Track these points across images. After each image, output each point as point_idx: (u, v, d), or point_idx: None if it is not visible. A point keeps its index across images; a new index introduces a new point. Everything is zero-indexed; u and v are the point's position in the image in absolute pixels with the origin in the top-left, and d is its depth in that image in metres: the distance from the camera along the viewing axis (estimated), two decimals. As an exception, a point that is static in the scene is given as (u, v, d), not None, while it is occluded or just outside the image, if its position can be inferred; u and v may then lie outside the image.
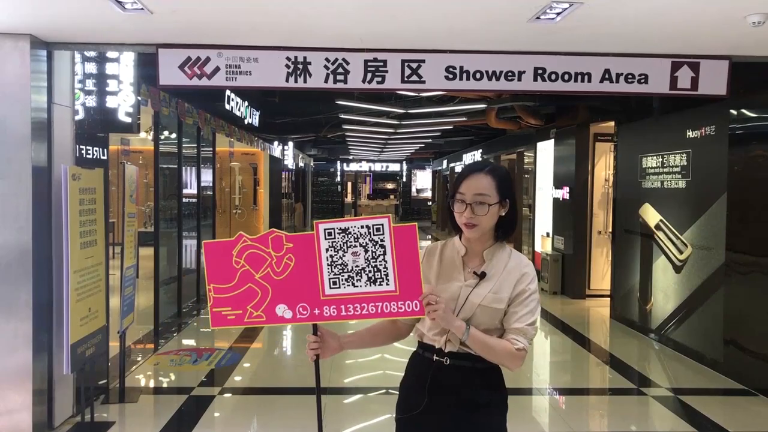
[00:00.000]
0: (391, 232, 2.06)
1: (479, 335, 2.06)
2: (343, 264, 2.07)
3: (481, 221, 2.10)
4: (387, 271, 2.06)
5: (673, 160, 6.75)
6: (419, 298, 2.04)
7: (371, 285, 2.07)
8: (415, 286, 2.05)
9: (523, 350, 2.09)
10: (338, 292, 2.08)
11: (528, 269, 2.17)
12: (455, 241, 2.23)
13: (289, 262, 2.09)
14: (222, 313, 2.11)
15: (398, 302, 2.06)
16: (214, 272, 2.11)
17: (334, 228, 2.08)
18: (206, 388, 5.32)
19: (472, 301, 2.09)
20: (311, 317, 2.10)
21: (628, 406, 5.32)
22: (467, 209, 2.09)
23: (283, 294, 2.10)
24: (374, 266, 2.07)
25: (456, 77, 4.22)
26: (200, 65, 4.18)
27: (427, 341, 2.18)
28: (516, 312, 2.10)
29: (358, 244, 2.06)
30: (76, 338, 4.09)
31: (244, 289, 2.10)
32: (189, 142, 8.32)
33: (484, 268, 2.13)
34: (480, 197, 2.09)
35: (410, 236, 2.07)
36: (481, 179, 2.11)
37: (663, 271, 6.98)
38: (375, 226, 2.07)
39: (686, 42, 4.11)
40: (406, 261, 2.06)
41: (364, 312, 2.08)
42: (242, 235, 2.11)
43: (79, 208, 4.15)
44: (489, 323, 2.10)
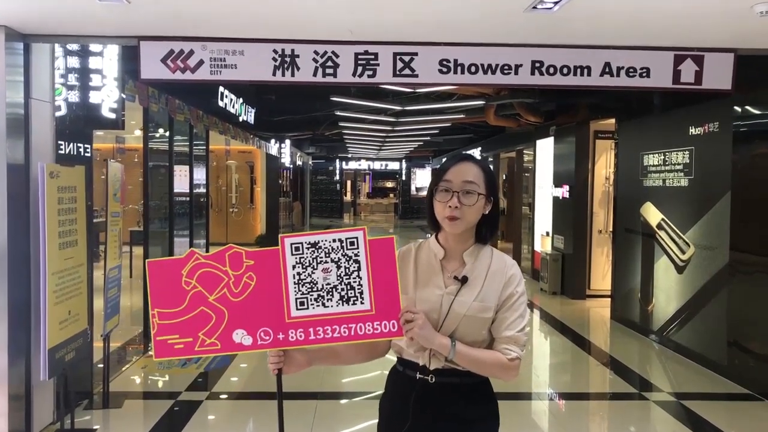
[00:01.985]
0: (367, 245, 1.89)
1: (467, 351, 1.89)
2: (312, 282, 1.90)
3: (467, 214, 1.92)
4: (362, 289, 1.89)
5: (676, 158, 6.58)
6: (398, 316, 1.87)
7: (344, 304, 1.90)
8: (392, 305, 1.88)
9: (516, 360, 1.92)
10: (306, 314, 1.90)
11: (514, 270, 2.00)
12: (431, 242, 2.04)
13: (249, 282, 1.91)
14: (168, 341, 1.91)
15: (374, 322, 1.89)
16: (160, 295, 1.91)
17: (302, 242, 1.90)
18: (194, 393, 5.16)
19: (456, 311, 1.91)
20: (274, 343, 1.92)
21: (629, 411, 5.16)
22: (453, 198, 1.91)
23: (242, 318, 1.91)
24: (347, 284, 1.90)
25: (450, 71, 4.06)
26: (183, 58, 4.01)
27: (408, 357, 2.00)
28: (505, 318, 1.93)
29: (330, 260, 1.89)
30: (54, 342, 3.93)
31: (196, 314, 1.91)
32: (181, 139, 8.16)
33: (466, 272, 1.96)
34: (469, 185, 1.91)
35: (387, 250, 1.90)
36: (471, 168, 1.95)
37: (665, 271, 6.81)
38: (348, 240, 1.91)
39: (690, 34, 3.94)
40: (382, 277, 1.89)
41: (336, 335, 1.90)
42: (194, 252, 1.92)
43: (58, 207, 3.99)
44: (475, 334, 1.93)
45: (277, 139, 15.38)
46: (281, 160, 16.38)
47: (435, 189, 1.96)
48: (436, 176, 2.00)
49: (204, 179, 9.50)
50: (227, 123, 9.96)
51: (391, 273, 1.91)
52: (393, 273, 1.91)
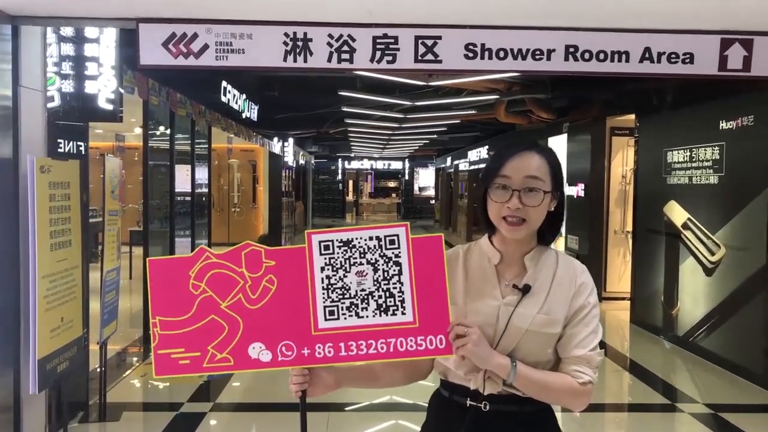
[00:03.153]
0: (410, 245, 1.59)
1: (530, 373, 1.58)
2: (344, 287, 1.60)
3: (531, 216, 1.60)
4: (403, 297, 1.59)
5: (704, 154, 6.25)
6: (446, 331, 1.56)
7: (381, 315, 1.59)
8: (440, 316, 1.58)
9: (589, 384, 1.60)
10: (336, 325, 1.59)
11: (585, 277, 1.68)
12: (483, 244, 1.72)
13: (269, 286, 1.60)
14: (171, 356, 1.59)
15: (417, 337, 1.58)
16: (162, 300, 1.60)
17: (332, 240, 1.60)
18: (197, 404, 4.82)
19: (517, 326, 1.60)
20: (298, 359, 1.61)
21: (665, 424, 4.82)
22: (513, 198, 1.59)
23: (260, 329, 1.60)
24: (386, 290, 1.59)
25: (477, 56, 3.72)
26: (186, 42, 3.68)
27: (456, 380, 1.68)
28: (575, 335, 1.62)
29: (365, 261, 1.59)
30: (45, 352, 3.60)
31: (205, 323, 1.59)
32: (182, 135, 7.82)
33: (528, 280, 1.64)
34: (532, 181, 1.59)
35: (434, 251, 1.59)
36: (533, 159, 1.62)
37: (691, 274, 6.47)
38: (388, 238, 1.60)
39: (738, 16, 3.61)
40: (428, 283, 1.58)
41: (371, 351, 1.59)
42: (204, 250, 1.61)
43: (50, 205, 3.65)
44: (539, 353, 1.62)
45: (280, 138, 15.06)
46: (284, 158, 16.06)
47: (489, 185, 1.64)
48: (488, 169, 1.66)
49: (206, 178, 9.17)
50: (230, 119, 9.62)
51: (438, 278, 1.59)
52: (441, 278, 1.59)
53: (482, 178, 1.68)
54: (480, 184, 1.69)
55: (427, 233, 1.66)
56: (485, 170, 1.68)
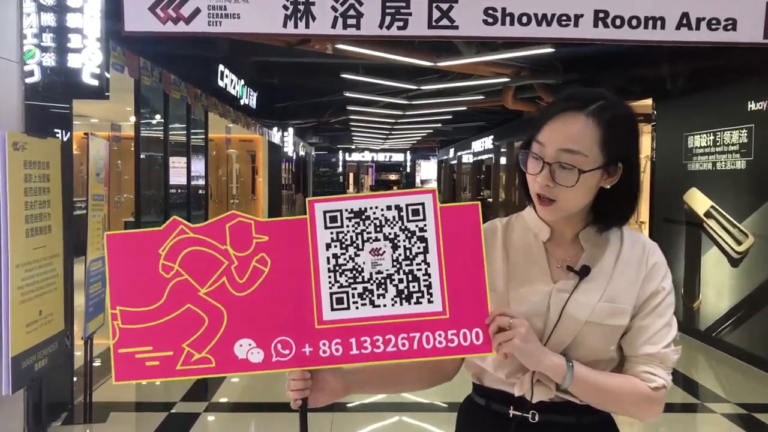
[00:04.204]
0: (438, 216, 1.26)
1: (591, 376, 1.26)
2: (356, 269, 1.27)
3: (563, 197, 1.26)
4: (429, 281, 1.27)
5: (729, 138, 5.89)
6: (485, 323, 1.23)
7: (403, 304, 1.27)
8: (476, 305, 1.25)
9: (663, 389, 1.28)
10: (346, 317, 1.27)
11: (657, 256, 1.35)
12: (527, 216, 1.39)
13: (260, 268, 1.27)
14: (136, 356, 1.26)
15: (448, 331, 1.26)
16: (125, 286, 1.27)
17: (341, 210, 1.26)
18: (190, 404, 4.49)
19: (574, 317, 1.27)
20: (297, 360, 1.28)
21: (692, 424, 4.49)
22: (543, 171, 1.25)
23: (249, 322, 1.27)
24: (408, 272, 1.27)
25: (497, 21, 3.36)
26: (176, 6, 3.32)
27: (495, 385, 1.35)
28: (646, 328, 1.29)
29: (382, 236, 1.26)
30: (20, 349, 3.25)
31: (179, 314, 1.26)
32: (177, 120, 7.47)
33: (586, 260, 1.31)
34: (568, 156, 1.23)
35: (470, 223, 1.26)
36: (577, 123, 1.24)
37: (715, 265, 6.12)
38: (411, 207, 1.26)
39: (787, -23, 3.26)
40: (462, 263, 1.26)
41: (390, 349, 1.27)
42: (178, 222, 1.28)
43: (25, 186, 3.31)
44: (600, 350, 1.30)
45: (279, 127, 14.72)
46: (284, 149, 15.71)
47: (525, 149, 1.30)
48: (528, 128, 1.33)
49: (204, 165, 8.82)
50: (227, 106, 9.27)
51: (474, 258, 1.27)
52: (477, 258, 1.27)
53: (523, 141, 1.34)
54: (520, 149, 1.35)
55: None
56: (526, 131, 1.34)
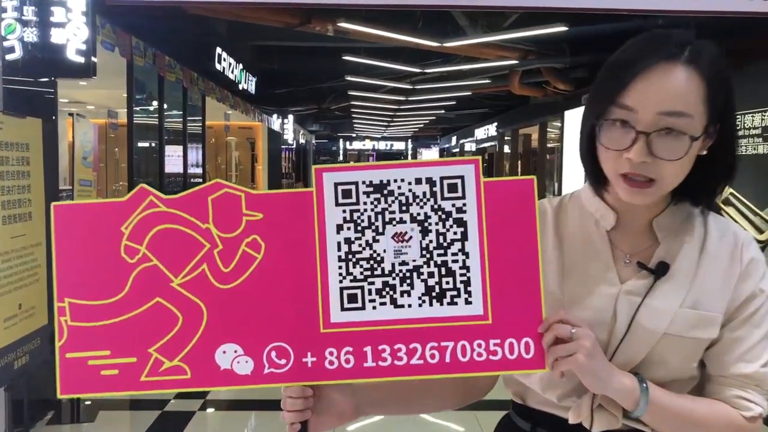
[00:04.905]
0: (481, 193, 0.98)
1: (670, 402, 0.99)
2: (374, 259, 1.00)
3: (666, 174, 0.97)
4: (468, 275, 1.00)
5: (750, 121, 5.61)
6: (537, 332, 0.97)
7: (433, 304, 1.00)
8: (527, 309, 0.99)
9: (758, 419, 1.00)
10: (360, 318, 1.00)
11: (753, 250, 1.07)
12: (586, 198, 1.11)
13: (251, 254, 1.01)
14: (88, 362, 1.00)
15: (489, 341, 0.99)
16: (75, 272, 1.01)
17: (356, 182, 0.99)
18: (184, 401, 4.25)
19: (648, 327, 1.01)
20: (296, 373, 1.02)
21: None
22: (637, 144, 0.95)
23: (236, 322, 1.01)
24: (441, 264, 1.00)
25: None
26: (164, -28, 3.05)
27: (542, 407, 1.09)
28: (739, 341, 1.02)
29: (409, 218, 1.00)
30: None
31: (146, 310, 1.00)
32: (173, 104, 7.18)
33: (662, 255, 1.04)
34: (673, 120, 0.94)
35: (522, 202, 1.00)
36: (677, 75, 0.95)
37: (734, 254, 5.87)
38: (447, 181, 0.99)
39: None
40: (510, 254, 1.00)
41: (416, 361, 1.00)
42: (146, 192, 1.01)
43: (1, 169, 3.04)
44: (681, 368, 1.03)
45: (279, 114, 14.42)
46: (284, 136, 15.43)
47: (600, 118, 0.99)
48: (600, 91, 1.01)
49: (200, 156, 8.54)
50: (226, 90, 8.98)
51: (526, 248, 1.00)
52: (531, 248, 1.00)
53: (589, 106, 1.03)
54: (587, 115, 1.04)
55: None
56: (594, 92, 1.03)
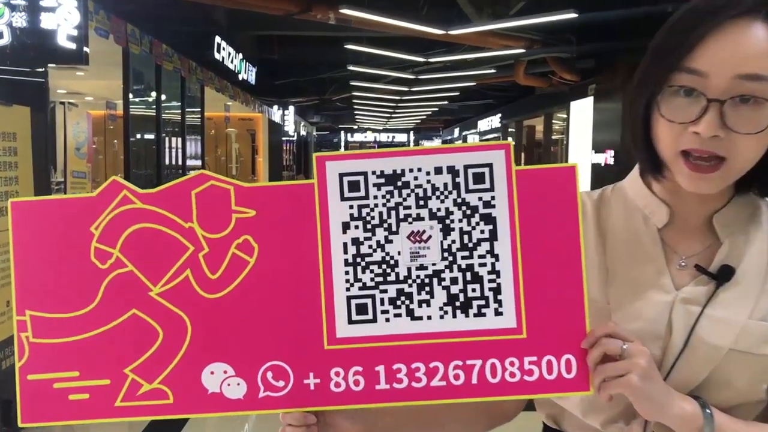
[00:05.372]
0: (513, 184, 0.84)
1: (737, 430, 0.84)
2: (387, 262, 0.86)
3: (741, 151, 0.81)
4: (498, 282, 0.85)
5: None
6: (580, 348, 0.83)
7: (457, 315, 0.86)
8: (569, 319, 0.85)
9: None
10: (371, 333, 0.87)
11: None
12: (632, 190, 0.96)
13: (243, 258, 0.85)
14: (54, 384, 0.87)
15: (524, 359, 0.85)
16: (38, 280, 0.86)
17: (365, 173, 0.85)
18: (182, 401, 4.13)
19: (709, 342, 0.86)
20: (297, 397, 0.88)
21: None
22: (707, 115, 0.79)
23: (225, 338, 0.87)
24: (466, 268, 0.86)
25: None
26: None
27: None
28: None
29: (428, 214, 0.86)
30: (-18, 345, 2.86)
31: (119, 324, 0.86)
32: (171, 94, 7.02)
33: (725, 257, 0.89)
34: (752, 85, 0.78)
35: (562, 195, 0.86)
36: (755, 33, 0.79)
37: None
38: (472, 171, 0.85)
39: None
40: (548, 256, 0.86)
41: (436, 383, 0.86)
42: (119, 185, 0.87)
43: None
44: (747, 390, 0.88)
45: (280, 105, 14.27)
46: (284, 128, 15.29)
47: (659, 85, 0.83)
48: (660, 53, 0.84)
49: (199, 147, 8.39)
50: (225, 80, 8.82)
51: (567, 249, 0.86)
52: (572, 249, 0.86)
53: (645, 74, 0.86)
54: (642, 86, 0.87)
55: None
56: (652, 57, 0.85)
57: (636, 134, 0.89)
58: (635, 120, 0.89)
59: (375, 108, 16.89)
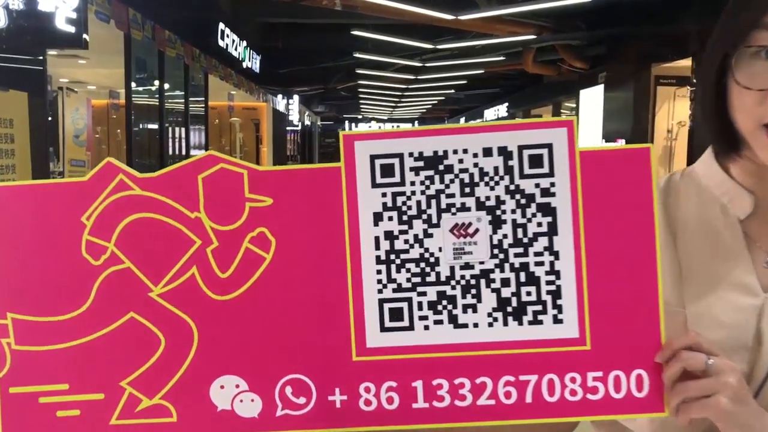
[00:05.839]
0: (578, 168, 0.71)
1: None
2: (427, 260, 0.73)
3: None
4: (558, 284, 0.73)
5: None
6: (656, 360, 0.71)
7: (509, 322, 0.74)
8: (641, 328, 0.72)
9: None
10: (407, 343, 0.74)
11: None
12: (705, 174, 0.83)
13: (257, 253, 0.73)
14: (40, 399, 0.75)
15: (587, 374, 0.73)
16: (21, 278, 0.74)
17: (401, 155, 0.72)
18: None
19: None
20: (320, 416, 0.75)
21: None
22: None
23: (237, 347, 0.74)
24: (521, 267, 0.73)
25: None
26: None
27: None
28: None
29: (474, 203, 0.72)
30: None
31: (115, 330, 0.74)
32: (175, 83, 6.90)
33: None
34: None
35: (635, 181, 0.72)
36: None
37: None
38: (528, 152, 0.72)
39: None
40: (617, 253, 0.73)
41: (483, 402, 0.75)
42: (115, 168, 0.73)
43: (-19, 146, 2.78)
44: None
45: (284, 95, 14.15)
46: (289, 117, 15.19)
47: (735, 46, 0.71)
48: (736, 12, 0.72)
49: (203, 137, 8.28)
50: (229, 68, 8.68)
51: (641, 243, 0.74)
52: (646, 245, 0.73)
53: (718, 37, 0.74)
54: (715, 50, 0.75)
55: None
56: (727, 15, 0.73)
57: (707, 106, 0.77)
58: (706, 89, 0.76)
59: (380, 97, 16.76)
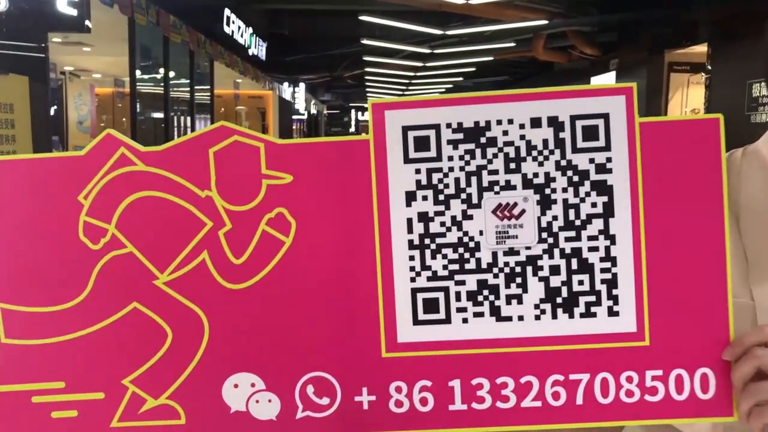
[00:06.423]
0: (636, 139, 0.64)
1: None
2: (466, 244, 0.65)
3: None
4: (614, 272, 0.64)
5: None
6: (723, 358, 0.62)
7: (558, 315, 0.65)
8: (706, 322, 0.64)
9: None
10: (443, 338, 0.66)
11: None
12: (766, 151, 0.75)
13: (276, 237, 0.64)
14: (33, 398, 0.66)
15: (645, 372, 0.65)
16: (13, 265, 0.66)
17: (437, 126, 0.62)
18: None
19: None
20: (346, 417, 0.66)
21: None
22: None
23: (253, 342, 0.66)
24: (572, 253, 0.65)
25: None
26: None
27: None
28: None
29: (520, 181, 0.64)
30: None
31: (116, 322, 0.65)
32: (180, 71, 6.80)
33: None
34: None
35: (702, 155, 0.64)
36: None
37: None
38: (582, 123, 0.62)
39: None
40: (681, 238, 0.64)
41: (529, 403, 0.66)
42: (116, 141, 0.64)
43: (-20, 131, 2.70)
44: None
45: (290, 83, 14.02)
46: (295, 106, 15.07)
47: None
48: None
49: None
50: (235, 55, 8.56)
51: (708, 227, 0.64)
52: (715, 228, 0.63)
53: None
54: None
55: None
56: None
57: None
58: None
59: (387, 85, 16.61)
